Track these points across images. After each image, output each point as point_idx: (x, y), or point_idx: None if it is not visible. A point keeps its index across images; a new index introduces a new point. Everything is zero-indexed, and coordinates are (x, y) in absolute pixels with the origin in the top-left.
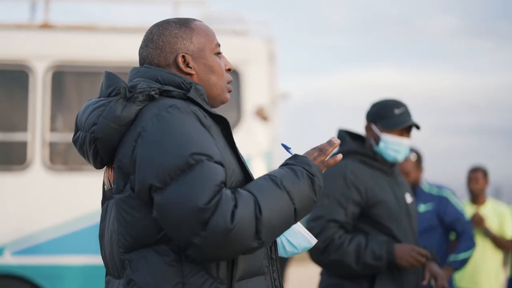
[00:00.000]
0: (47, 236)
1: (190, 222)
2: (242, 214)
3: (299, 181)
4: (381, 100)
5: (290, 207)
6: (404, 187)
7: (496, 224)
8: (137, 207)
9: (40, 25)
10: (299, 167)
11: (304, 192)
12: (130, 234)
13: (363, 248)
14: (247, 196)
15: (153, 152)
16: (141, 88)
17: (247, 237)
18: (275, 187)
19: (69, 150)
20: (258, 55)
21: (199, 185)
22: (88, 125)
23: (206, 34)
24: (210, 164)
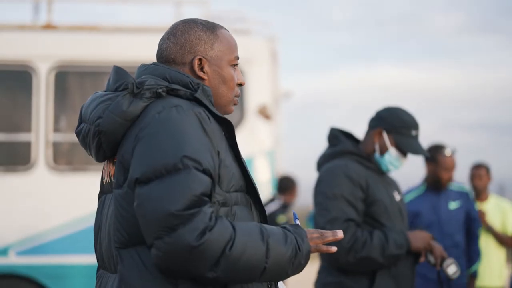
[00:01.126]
0: (51, 236)
1: (158, 224)
2: (212, 239)
3: (284, 246)
4: (400, 112)
5: (261, 262)
6: (393, 185)
7: (499, 221)
8: (132, 203)
9: (43, 25)
10: (293, 236)
11: (282, 259)
12: (126, 230)
13: (385, 240)
14: (227, 227)
15: (147, 148)
16: (148, 85)
17: (205, 263)
18: (259, 238)
19: (73, 150)
20: (260, 54)
21: (179, 190)
22: (93, 117)
23: (228, 44)
24: (196, 173)
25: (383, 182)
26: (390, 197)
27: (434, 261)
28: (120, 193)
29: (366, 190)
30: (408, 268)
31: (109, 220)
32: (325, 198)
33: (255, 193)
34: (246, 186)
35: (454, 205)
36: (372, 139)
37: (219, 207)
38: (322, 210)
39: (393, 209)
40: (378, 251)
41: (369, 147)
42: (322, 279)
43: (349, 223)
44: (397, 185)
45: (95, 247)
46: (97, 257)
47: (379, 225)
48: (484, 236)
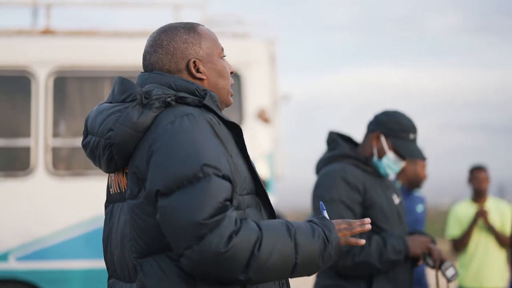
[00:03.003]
0: (51, 241)
1: (186, 234)
2: (240, 242)
3: (312, 240)
4: (398, 116)
5: (291, 259)
6: (391, 188)
7: (498, 221)
8: (150, 213)
9: (41, 31)
10: (320, 228)
11: (312, 253)
12: (143, 240)
13: (383, 245)
14: (253, 228)
15: (164, 158)
16: (157, 95)
17: (236, 267)
18: (286, 234)
19: (72, 155)
20: (259, 57)
21: (202, 199)
22: (103, 130)
23: (212, 39)
24: (217, 180)
25: (381, 185)
26: (388, 201)
27: (432, 264)
28: (135, 204)
29: (364, 193)
30: (406, 271)
31: (122, 230)
32: (323, 202)
33: (264, 194)
34: (255, 188)
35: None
36: (370, 142)
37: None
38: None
39: (391, 213)
40: (375, 256)
41: (367, 150)
42: (320, 282)
43: None
44: (396, 189)
45: (104, 257)
46: (108, 266)
47: (377, 229)
48: (485, 237)
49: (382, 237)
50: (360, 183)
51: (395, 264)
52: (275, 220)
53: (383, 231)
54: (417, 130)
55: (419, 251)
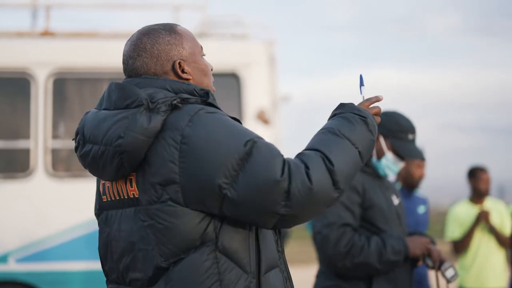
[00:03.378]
0: (51, 242)
1: (272, 198)
2: (316, 172)
3: (354, 126)
4: (396, 116)
5: (354, 151)
6: (391, 189)
7: (497, 222)
8: (176, 214)
9: (41, 32)
10: (350, 113)
11: (362, 135)
12: (171, 242)
13: (383, 246)
14: (312, 154)
15: (206, 154)
16: (162, 98)
17: (327, 191)
18: (336, 137)
19: (72, 157)
20: (258, 58)
21: (265, 163)
22: (110, 138)
23: (192, 38)
24: (263, 142)
25: (380, 186)
26: (387, 202)
27: (432, 265)
28: (158, 208)
29: (363, 194)
30: (406, 272)
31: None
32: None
33: None
34: None
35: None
36: None
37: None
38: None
39: (390, 214)
40: (375, 257)
41: None
42: (320, 283)
43: (346, 228)
44: (395, 190)
45: (104, 265)
46: (108, 273)
47: (377, 229)
48: (485, 237)
49: (381, 238)
50: (359, 184)
51: (395, 265)
52: (316, 135)
53: (383, 232)
54: (416, 130)
55: (418, 251)
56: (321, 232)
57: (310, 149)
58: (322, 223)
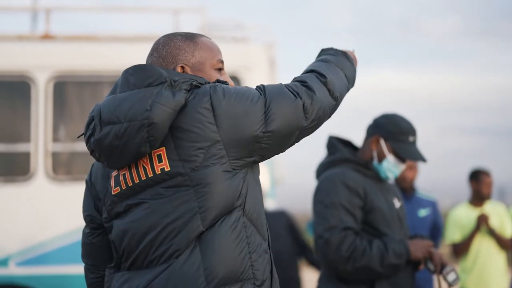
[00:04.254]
0: (51, 246)
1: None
2: (313, 85)
3: (337, 57)
4: (397, 119)
5: (341, 73)
6: (392, 192)
7: (497, 224)
8: (221, 176)
9: (41, 36)
10: (330, 51)
11: (344, 63)
12: (214, 205)
13: (384, 250)
14: (307, 74)
15: (236, 109)
16: (183, 78)
17: (327, 97)
18: (323, 62)
19: (72, 160)
20: (258, 61)
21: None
22: (136, 113)
23: (209, 49)
24: (267, 84)
25: (382, 189)
26: (389, 205)
27: (433, 269)
28: (203, 173)
29: (364, 197)
30: (408, 276)
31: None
32: (324, 207)
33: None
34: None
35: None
36: (370, 146)
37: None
38: (321, 218)
39: (392, 217)
40: (377, 260)
41: (367, 154)
42: (322, 286)
43: (347, 232)
44: (397, 192)
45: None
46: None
47: (378, 233)
48: (486, 240)
49: (383, 241)
50: (360, 187)
51: (397, 268)
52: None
53: (384, 235)
54: (416, 132)
55: (420, 255)
56: (322, 236)
57: (304, 72)
58: (324, 227)
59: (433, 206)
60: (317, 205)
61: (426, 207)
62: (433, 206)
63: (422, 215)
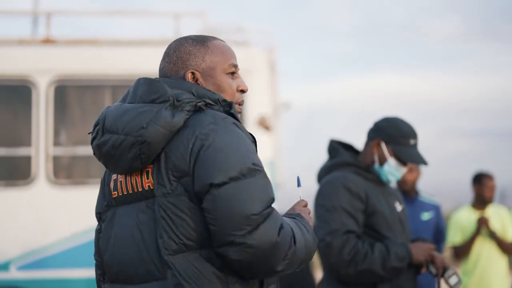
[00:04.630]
0: (52, 250)
1: (241, 223)
2: (285, 234)
3: (308, 233)
4: (397, 122)
5: (311, 250)
6: (394, 196)
7: (499, 228)
8: (188, 209)
9: (42, 40)
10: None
11: (308, 241)
12: (178, 237)
13: (386, 253)
14: (286, 224)
15: (218, 154)
16: (188, 99)
17: (280, 257)
18: (300, 231)
19: (73, 164)
20: (259, 65)
21: (257, 192)
22: (132, 128)
23: (221, 53)
24: (267, 177)
25: (383, 193)
26: (390, 208)
27: (435, 272)
28: (170, 201)
29: (366, 201)
30: (410, 279)
31: (133, 231)
32: (325, 210)
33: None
34: None
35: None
36: (371, 150)
37: None
38: (322, 222)
39: (393, 220)
40: (379, 264)
41: (369, 158)
42: None
43: (349, 235)
44: (399, 196)
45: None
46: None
47: (380, 236)
48: (487, 243)
49: (385, 244)
50: (362, 191)
51: (399, 272)
52: (288, 218)
53: (386, 238)
54: (417, 135)
55: (422, 258)
56: (324, 240)
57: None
58: (325, 231)
59: (436, 210)
60: (319, 208)
61: (429, 210)
62: (436, 209)
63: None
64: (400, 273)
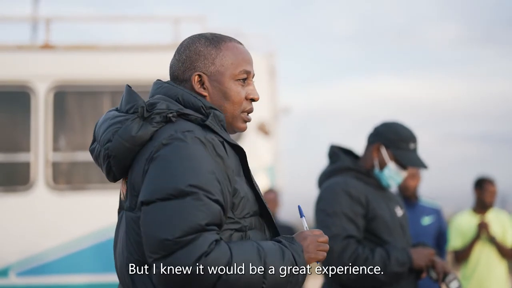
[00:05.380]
0: (51, 256)
1: (157, 246)
2: (207, 265)
3: (282, 263)
4: (397, 126)
5: (259, 283)
6: (394, 200)
7: (499, 233)
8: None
9: (41, 45)
10: (290, 252)
11: (280, 277)
12: (137, 253)
13: (387, 258)
14: (225, 252)
15: (156, 172)
16: (159, 109)
17: (202, 285)
18: (256, 258)
19: (72, 170)
20: (258, 70)
21: (181, 216)
22: (103, 140)
23: (233, 58)
24: (204, 200)
25: (384, 197)
26: (391, 213)
27: (436, 277)
28: (132, 217)
29: (366, 206)
30: (410, 284)
31: (122, 239)
32: (326, 215)
33: (268, 216)
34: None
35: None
36: (371, 154)
37: (233, 233)
38: (323, 227)
39: (394, 225)
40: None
41: (369, 162)
42: None
43: (350, 240)
44: (399, 201)
45: (115, 264)
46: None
47: (380, 241)
48: (486, 248)
49: (385, 249)
50: (362, 196)
51: (399, 276)
52: (246, 242)
53: (386, 243)
54: (417, 139)
55: (422, 263)
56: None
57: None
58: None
59: (437, 214)
60: (319, 213)
61: (429, 214)
62: (437, 213)
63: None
64: (401, 278)
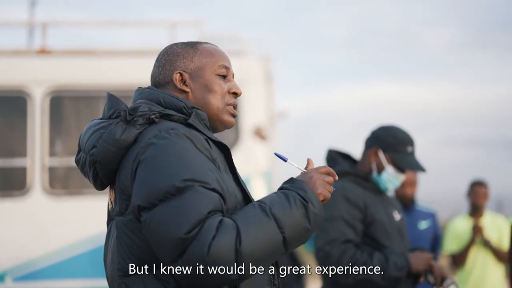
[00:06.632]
0: (48, 261)
1: (169, 248)
2: (219, 245)
3: (290, 208)
4: (394, 130)
5: (278, 236)
6: (392, 205)
7: (495, 236)
8: (136, 230)
9: (37, 50)
10: (293, 192)
11: (295, 220)
12: (130, 258)
13: (385, 262)
14: (229, 226)
15: (147, 172)
16: (141, 111)
17: (225, 269)
18: (263, 216)
19: (69, 175)
20: (254, 75)
21: (184, 212)
22: (88, 147)
23: (211, 55)
24: (201, 191)
25: (382, 201)
26: (389, 217)
27: (434, 281)
28: (122, 221)
29: (364, 210)
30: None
31: (112, 248)
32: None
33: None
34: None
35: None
36: (369, 158)
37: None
38: (321, 232)
39: (392, 229)
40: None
41: (367, 166)
42: None
43: (348, 245)
44: (397, 205)
45: (105, 274)
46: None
47: (378, 245)
48: (482, 252)
49: (383, 253)
50: (360, 200)
51: (398, 281)
52: (247, 206)
53: (385, 247)
54: (414, 143)
55: (420, 267)
56: (323, 249)
57: (232, 219)
58: (324, 240)
59: (432, 218)
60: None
61: (426, 218)
62: (433, 217)
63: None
64: (399, 282)
